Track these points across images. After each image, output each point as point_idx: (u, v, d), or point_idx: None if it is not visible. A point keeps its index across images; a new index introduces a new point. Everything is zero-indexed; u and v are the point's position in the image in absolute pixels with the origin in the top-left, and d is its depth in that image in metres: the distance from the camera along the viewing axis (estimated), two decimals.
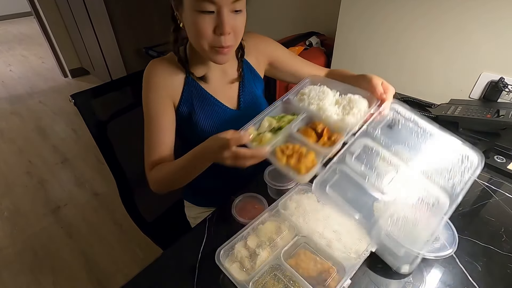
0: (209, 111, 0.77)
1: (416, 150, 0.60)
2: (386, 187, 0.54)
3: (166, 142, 0.73)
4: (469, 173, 0.56)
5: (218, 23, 0.60)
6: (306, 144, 0.57)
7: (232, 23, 0.61)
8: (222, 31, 0.60)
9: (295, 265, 0.52)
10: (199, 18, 0.60)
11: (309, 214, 0.61)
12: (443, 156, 0.60)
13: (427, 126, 0.62)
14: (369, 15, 1.20)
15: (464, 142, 0.59)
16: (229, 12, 0.60)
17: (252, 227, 0.59)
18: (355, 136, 0.59)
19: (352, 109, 0.62)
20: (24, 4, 3.53)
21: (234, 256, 0.55)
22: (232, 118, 0.80)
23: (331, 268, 0.51)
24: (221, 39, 0.62)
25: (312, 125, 0.62)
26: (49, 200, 1.89)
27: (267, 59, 0.88)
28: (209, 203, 0.92)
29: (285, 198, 0.65)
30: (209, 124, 0.77)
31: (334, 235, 0.56)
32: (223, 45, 0.63)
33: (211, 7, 0.58)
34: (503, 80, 0.94)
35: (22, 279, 1.45)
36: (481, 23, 0.95)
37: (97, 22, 2.58)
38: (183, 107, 0.75)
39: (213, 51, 0.65)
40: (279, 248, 0.55)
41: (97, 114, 0.85)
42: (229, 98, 0.81)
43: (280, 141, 0.59)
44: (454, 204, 0.52)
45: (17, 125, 2.69)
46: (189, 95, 0.76)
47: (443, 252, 0.49)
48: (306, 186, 0.68)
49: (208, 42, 0.63)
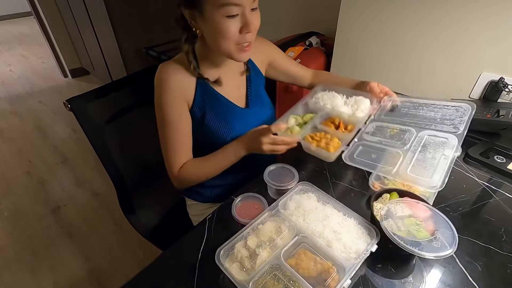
0: (221, 111, 0.80)
1: (417, 117, 0.80)
2: (399, 143, 0.72)
3: (188, 143, 0.79)
4: (466, 116, 0.74)
5: (244, 23, 0.65)
6: (330, 132, 0.76)
7: (253, 19, 0.66)
8: (249, 29, 0.66)
9: (295, 265, 0.52)
10: (227, 22, 0.64)
11: (309, 214, 0.61)
12: (440, 112, 0.79)
13: (419, 100, 0.85)
14: (369, 15, 1.20)
15: (454, 99, 0.77)
16: (250, 11, 0.65)
17: (252, 227, 0.59)
18: (366, 123, 0.80)
19: (359, 107, 0.81)
20: (24, 4, 3.53)
21: (234, 256, 0.55)
22: (242, 116, 0.84)
23: (331, 268, 0.51)
24: (246, 37, 0.67)
25: (330, 119, 0.81)
26: (49, 200, 1.89)
27: (267, 59, 0.93)
28: (213, 199, 0.92)
29: (285, 198, 0.65)
30: (221, 124, 0.80)
31: (334, 235, 0.56)
32: (249, 41, 0.69)
33: (236, 10, 0.63)
34: (503, 80, 0.94)
35: (22, 279, 1.45)
36: (481, 23, 0.95)
37: (97, 22, 2.58)
38: (196, 109, 0.78)
39: (238, 49, 0.69)
40: (279, 248, 0.55)
41: (93, 118, 0.85)
42: (238, 97, 0.85)
43: (307, 131, 0.77)
44: (461, 138, 0.67)
45: (17, 125, 2.69)
46: (202, 97, 0.78)
47: (443, 252, 0.49)
48: (306, 186, 0.68)
49: (234, 42, 0.67)
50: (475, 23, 0.96)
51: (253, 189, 0.72)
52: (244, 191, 0.70)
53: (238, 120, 0.83)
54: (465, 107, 0.78)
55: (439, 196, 0.67)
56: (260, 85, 0.91)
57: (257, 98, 0.89)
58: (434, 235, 0.53)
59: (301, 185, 0.68)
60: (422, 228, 0.54)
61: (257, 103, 0.88)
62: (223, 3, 0.61)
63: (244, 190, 0.71)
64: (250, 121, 0.84)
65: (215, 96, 0.79)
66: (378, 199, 0.62)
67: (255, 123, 0.82)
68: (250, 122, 0.84)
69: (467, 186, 0.73)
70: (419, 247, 0.50)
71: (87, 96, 0.83)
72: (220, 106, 0.80)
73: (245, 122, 0.83)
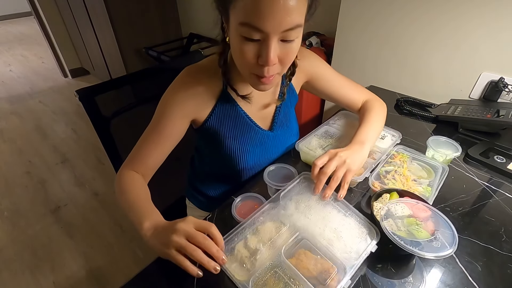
0: (240, 131, 0.72)
1: None
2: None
3: (158, 159, 0.68)
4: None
5: (262, 53, 0.52)
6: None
7: (280, 52, 0.53)
8: (266, 62, 0.52)
9: (295, 264, 0.52)
10: (243, 44, 0.52)
11: (309, 214, 0.61)
12: None
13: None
14: (369, 15, 1.20)
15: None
16: (278, 41, 0.51)
17: (252, 227, 0.59)
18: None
19: (384, 138, 0.83)
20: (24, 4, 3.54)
21: (234, 256, 0.54)
22: (262, 140, 0.76)
23: (331, 268, 0.51)
24: (264, 70, 0.54)
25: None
26: (49, 200, 1.89)
27: (305, 77, 0.79)
28: (212, 209, 0.90)
29: (285, 198, 0.65)
30: (241, 146, 0.73)
31: (334, 235, 0.56)
32: (265, 75, 0.55)
33: (257, 36, 0.50)
34: (503, 80, 0.94)
35: (22, 279, 1.45)
36: (481, 23, 0.95)
37: (97, 22, 2.58)
38: (212, 123, 0.70)
39: (254, 78, 0.58)
40: (279, 247, 0.55)
41: (101, 110, 0.84)
42: (263, 118, 0.76)
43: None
44: None
45: (17, 125, 2.69)
46: (221, 112, 0.69)
47: (443, 252, 0.49)
48: (308, 176, 0.68)
49: (250, 69, 0.56)
50: (475, 23, 0.96)
51: (253, 189, 0.73)
52: (244, 191, 0.70)
53: (257, 142, 0.75)
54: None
55: (439, 196, 0.67)
56: (290, 105, 0.81)
57: (285, 120, 0.80)
58: (434, 235, 0.53)
59: (300, 185, 0.68)
60: (422, 228, 0.54)
61: (283, 126, 0.79)
62: (244, 22, 0.48)
63: (244, 190, 0.71)
64: (271, 144, 0.78)
65: (239, 115, 0.71)
66: (378, 199, 0.62)
67: (275, 149, 0.79)
68: (271, 145, 0.78)
69: (467, 186, 0.73)
70: (419, 247, 0.50)
71: (96, 88, 0.83)
72: (241, 125, 0.72)
73: (264, 145, 0.77)
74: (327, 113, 1.65)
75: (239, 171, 0.78)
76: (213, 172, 0.85)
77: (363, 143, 0.70)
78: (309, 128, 0.85)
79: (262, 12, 0.46)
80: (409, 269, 0.56)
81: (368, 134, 0.72)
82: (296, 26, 0.50)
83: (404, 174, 0.71)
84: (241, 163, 0.75)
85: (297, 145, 0.79)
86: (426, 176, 0.70)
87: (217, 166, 0.82)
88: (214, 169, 0.84)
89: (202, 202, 0.92)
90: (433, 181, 0.68)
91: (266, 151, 0.77)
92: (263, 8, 0.46)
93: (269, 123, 0.77)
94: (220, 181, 0.86)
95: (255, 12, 0.46)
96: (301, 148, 0.78)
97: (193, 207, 0.95)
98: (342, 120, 0.92)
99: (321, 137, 0.84)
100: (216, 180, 0.86)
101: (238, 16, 0.49)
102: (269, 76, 0.56)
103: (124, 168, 0.67)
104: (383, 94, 1.17)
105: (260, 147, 0.76)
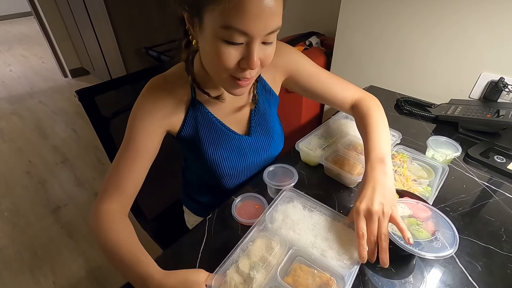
0: (215, 138, 0.69)
1: None
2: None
3: (136, 180, 0.61)
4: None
5: (245, 56, 0.50)
6: (351, 158, 0.75)
7: (261, 55, 0.51)
8: (250, 65, 0.50)
9: (293, 282, 0.49)
10: (224, 48, 0.49)
11: (298, 224, 0.59)
12: None
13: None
14: (369, 15, 1.20)
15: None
16: (259, 43, 0.50)
17: (241, 247, 0.54)
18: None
19: None
20: (24, 4, 3.53)
21: (227, 285, 0.48)
22: (239, 145, 0.72)
23: (330, 280, 0.49)
24: (244, 73, 0.53)
25: (353, 147, 0.80)
26: (49, 200, 1.89)
27: (284, 74, 0.75)
28: (208, 214, 0.87)
29: (271, 209, 0.61)
30: (217, 153, 0.70)
31: (326, 243, 0.55)
32: (246, 77, 0.54)
33: (241, 39, 0.48)
34: (503, 80, 0.94)
35: (22, 279, 1.45)
36: (482, 24, 0.95)
37: (97, 22, 2.58)
38: (187, 132, 0.67)
39: (231, 82, 0.55)
40: (273, 266, 0.51)
41: (101, 110, 0.83)
42: (237, 122, 0.72)
43: (329, 154, 0.77)
44: None
45: (17, 125, 2.69)
46: (193, 120, 0.67)
47: (443, 253, 0.49)
48: (290, 193, 0.65)
49: (229, 72, 0.53)
50: (475, 23, 0.96)
51: (253, 189, 0.73)
52: (244, 191, 0.70)
53: (236, 149, 0.72)
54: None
55: (439, 196, 0.67)
56: (268, 106, 0.76)
57: (263, 123, 0.75)
58: (435, 235, 0.53)
59: (286, 192, 0.65)
60: (422, 228, 0.54)
61: (262, 129, 0.75)
62: (227, 25, 0.46)
63: (244, 190, 0.71)
64: (251, 151, 0.74)
65: (210, 121, 0.68)
66: None
67: (255, 154, 0.74)
68: (251, 152, 0.74)
69: (467, 186, 0.73)
70: (419, 247, 0.50)
71: (95, 89, 0.82)
72: (215, 133, 0.69)
73: (244, 152, 0.73)
74: (327, 113, 1.65)
75: (219, 178, 0.74)
76: (200, 180, 0.85)
77: (382, 160, 0.60)
78: (309, 128, 0.85)
79: (249, 15, 0.45)
80: (410, 269, 0.56)
81: (382, 146, 0.63)
82: (278, 28, 0.50)
83: (404, 174, 0.71)
84: (218, 170, 0.71)
85: (297, 145, 0.79)
86: (426, 176, 0.70)
87: (201, 174, 0.81)
88: (200, 177, 0.84)
89: (197, 209, 0.92)
90: (433, 181, 0.68)
91: (244, 157, 0.73)
92: (250, 11, 0.45)
93: (245, 127, 0.74)
94: (209, 189, 0.85)
95: (241, 15, 0.45)
96: (301, 148, 0.78)
97: (189, 212, 0.94)
98: (342, 120, 0.92)
99: (321, 137, 0.84)
100: (205, 188, 0.86)
101: (218, 19, 0.46)
102: (250, 78, 0.55)
103: (100, 203, 0.58)
104: (383, 94, 1.17)
105: (237, 152, 0.72)
